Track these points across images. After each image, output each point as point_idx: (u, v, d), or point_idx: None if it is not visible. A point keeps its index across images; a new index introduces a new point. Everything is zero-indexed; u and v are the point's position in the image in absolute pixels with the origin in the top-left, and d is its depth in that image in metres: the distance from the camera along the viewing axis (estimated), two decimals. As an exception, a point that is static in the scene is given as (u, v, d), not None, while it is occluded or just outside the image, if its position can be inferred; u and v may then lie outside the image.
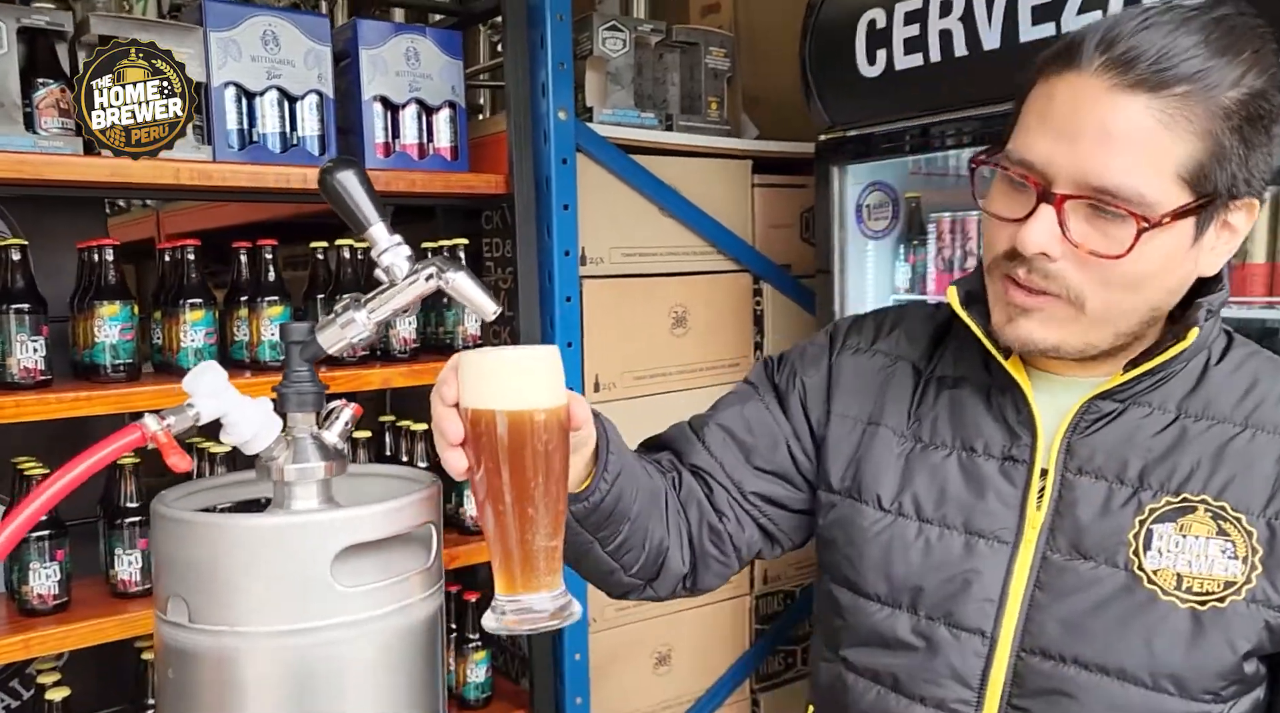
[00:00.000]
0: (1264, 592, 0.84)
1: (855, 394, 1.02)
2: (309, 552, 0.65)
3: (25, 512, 0.64)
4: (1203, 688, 0.84)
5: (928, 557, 0.93)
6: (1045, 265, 0.84)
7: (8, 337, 1.46)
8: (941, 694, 0.91)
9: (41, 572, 1.50)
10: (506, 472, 0.70)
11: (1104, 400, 0.90)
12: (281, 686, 0.66)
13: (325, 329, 0.71)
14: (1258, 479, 0.86)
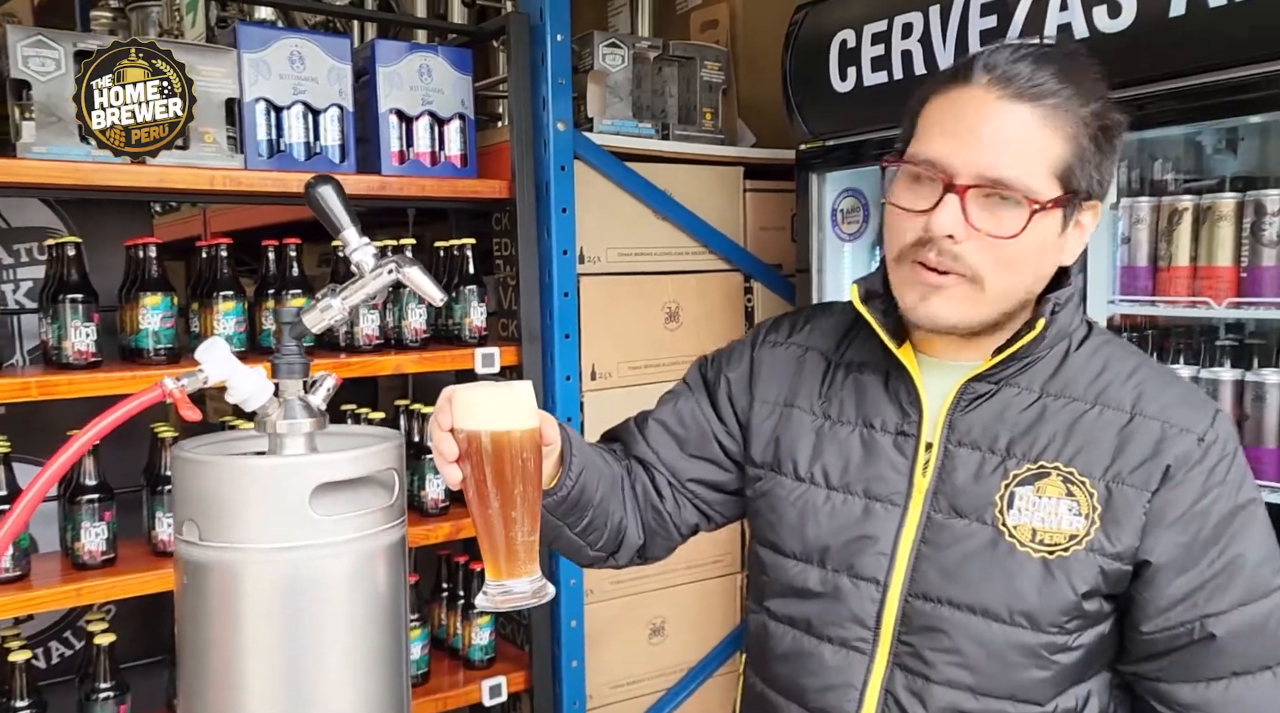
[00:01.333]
0: (1100, 543, 0.98)
1: (773, 382, 1.17)
2: (293, 487, 0.83)
3: (73, 446, 0.83)
4: (1049, 622, 0.99)
5: (833, 519, 1.08)
6: (951, 247, 0.97)
7: (63, 323, 1.67)
8: (845, 634, 1.06)
9: (92, 530, 1.70)
10: (492, 481, 0.88)
11: (979, 382, 1.05)
12: (272, 592, 0.84)
13: (309, 312, 0.89)
14: (1101, 449, 1.00)
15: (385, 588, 0.89)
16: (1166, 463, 0.98)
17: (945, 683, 1.01)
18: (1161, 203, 1.66)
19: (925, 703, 1.02)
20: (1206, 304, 1.59)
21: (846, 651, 1.06)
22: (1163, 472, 0.98)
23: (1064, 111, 0.96)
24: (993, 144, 0.96)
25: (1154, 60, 1.51)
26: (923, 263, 1.00)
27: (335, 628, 0.87)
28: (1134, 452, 0.99)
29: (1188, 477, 0.98)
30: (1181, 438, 0.99)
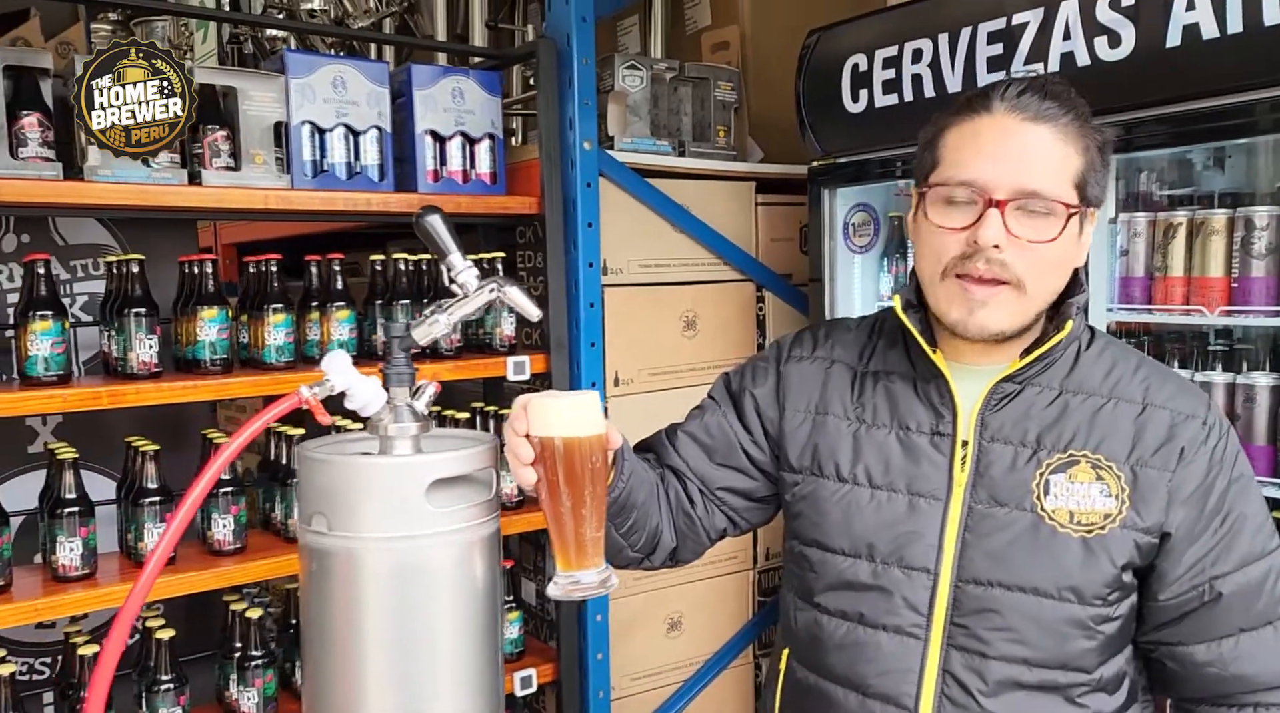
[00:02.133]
0: (1131, 519, 1.10)
1: (802, 393, 1.27)
2: (411, 483, 0.93)
3: (222, 456, 0.93)
4: (1094, 595, 1.10)
5: (879, 515, 1.17)
6: (998, 256, 1.08)
7: (128, 335, 1.76)
8: (899, 622, 1.14)
9: (154, 532, 1.79)
10: (564, 481, 0.98)
11: (1007, 383, 1.16)
12: (388, 576, 0.95)
13: (417, 327, 1.00)
14: (1121, 436, 1.12)
15: (484, 574, 1.00)
16: (1181, 445, 1.10)
17: (1001, 658, 1.10)
18: (1157, 218, 1.78)
19: (984, 678, 1.10)
20: (1200, 312, 1.71)
21: (902, 637, 1.14)
22: (1178, 453, 1.10)
23: (1075, 130, 1.10)
24: (1023, 161, 1.08)
25: (1151, 87, 1.63)
26: (969, 276, 1.10)
27: (442, 609, 0.97)
28: (1151, 437, 1.11)
29: (1196, 456, 1.11)
30: (1189, 423, 1.12)
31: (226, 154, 1.88)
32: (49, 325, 1.67)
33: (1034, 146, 1.08)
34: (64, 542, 1.71)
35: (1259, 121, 1.52)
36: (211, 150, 1.86)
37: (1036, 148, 1.08)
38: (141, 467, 1.80)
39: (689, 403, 2.20)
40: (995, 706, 1.10)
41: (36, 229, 1.96)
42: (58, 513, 1.71)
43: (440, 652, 0.97)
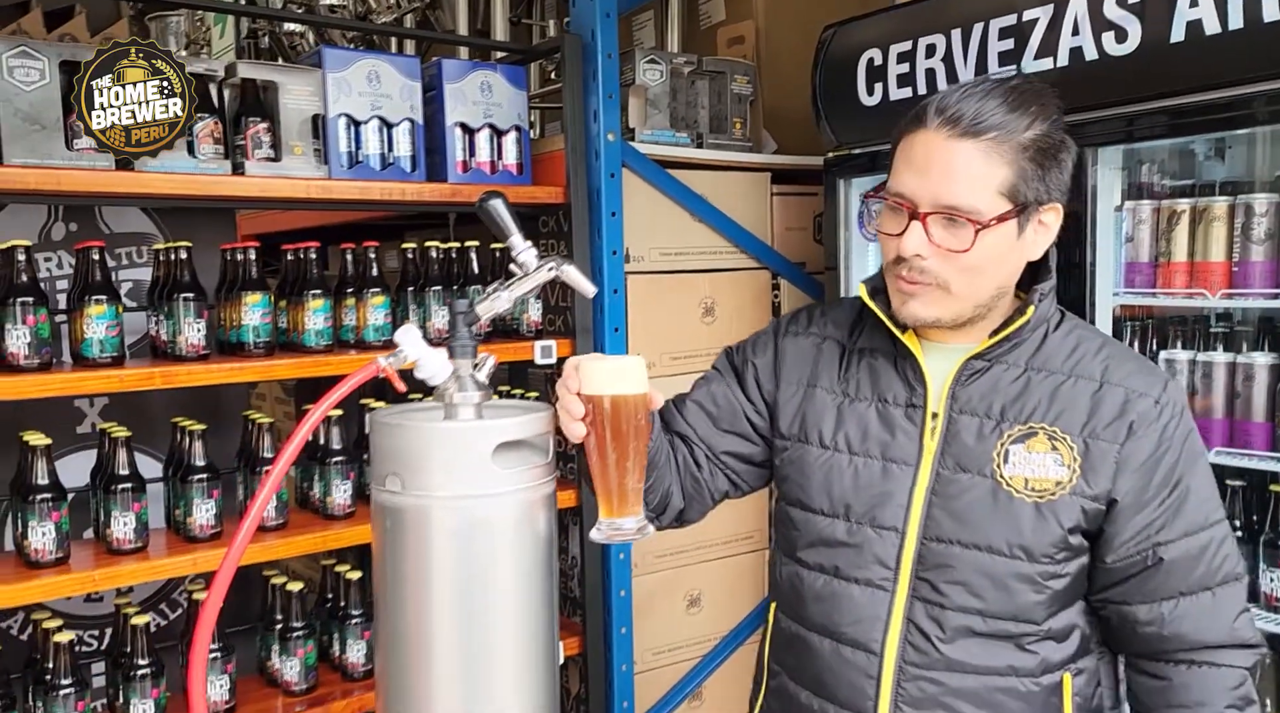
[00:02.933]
0: (1080, 487, 1.19)
1: (796, 366, 1.37)
2: (480, 446, 1.02)
3: (310, 419, 1.00)
4: (1042, 553, 1.19)
5: (856, 479, 1.28)
6: (919, 263, 1.18)
7: (177, 320, 1.84)
8: (870, 575, 1.25)
9: (202, 507, 1.87)
10: (610, 436, 1.07)
11: (976, 360, 1.25)
12: (457, 532, 1.03)
13: (481, 303, 1.08)
14: (1077, 411, 1.21)
15: (543, 529, 1.08)
16: (1131, 420, 1.19)
17: (959, 609, 1.21)
18: (1161, 205, 1.86)
19: (943, 626, 1.21)
20: (1202, 295, 1.79)
21: (872, 589, 1.25)
22: (1128, 427, 1.19)
23: (1002, 142, 1.16)
24: (944, 177, 1.16)
25: (1156, 80, 1.71)
26: (900, 276, 1.22)
27: (505, 561, 1.05)
28: (1105, 412, 1.20)
29: (1147, 432, 1.20)
30: (1141, 401, 1.21)
31: (267, 146, 1.95)
32: (103, 309, 1.75)
33: (955, 163, 1.16)
34: (118, 516, 1.79)
35: (1257, 113, 1.59)
36: (253, 142, 1.94)
37: (957, 164, 1.16)
38: (189, 446, 1.88)
39: (711, 385, 2.24)
40: (951, 651, 1.21)
41: (84, 218, 2.04)
42: (112, 489, 1.79)
43: (504, 602, 1.05)
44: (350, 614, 2.05)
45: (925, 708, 1.22)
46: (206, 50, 4.40)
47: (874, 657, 1.23)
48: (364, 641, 2.06)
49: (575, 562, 2.39)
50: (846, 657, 1.26)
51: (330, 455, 2.02)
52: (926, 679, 1.21)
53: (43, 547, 1.71)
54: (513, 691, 1.07)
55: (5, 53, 1.67)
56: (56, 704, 1.71)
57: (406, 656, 1.06)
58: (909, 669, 1.22)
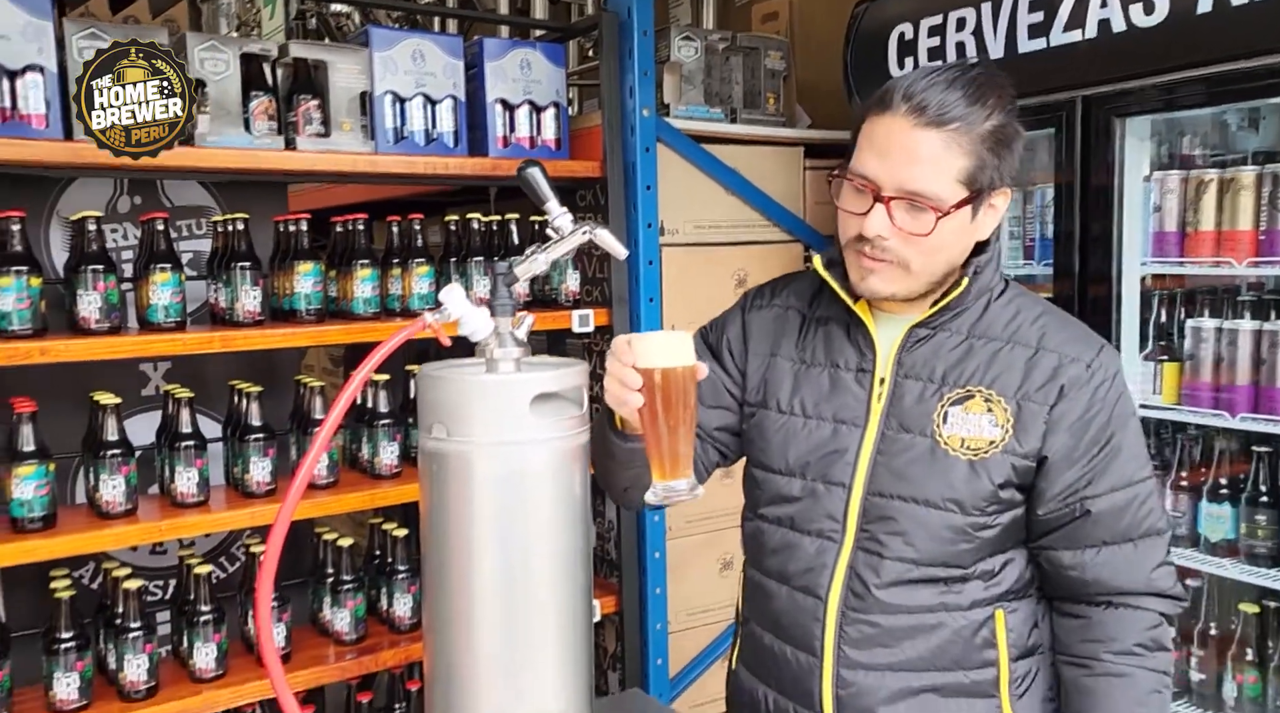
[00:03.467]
0: (1012, 446, 1.26)
1: (761, 338, 1.44)
2: (518, 396, 1.09)
3: (353, 383, 1.08)
4: (974, 506, 1.26)
5: (810, 440, 1.35)
6: (882, 243, 1.24)
7: (235, 287, 1.95)
8: (820, 527, 1.33)
9: (259, 465, 1.98)
10: (662, 404, 1.13)
11: (920, 328, 1.31)
12: (497, 476, 1.11)
13: (520, 265, 1.15)
14: (1013, 375, 1.27)
15: (576, 476, 1.16)
16: (1061, 383, 1.26)
17: (895, 558, 1.29)
18: (1189, 175, 1.88)
19: (879, 573, 1.29)
20: (1229, 264, 1.82)
21: (821, 540, 1.33)
22: (1058, 390, 1.26)
23: (964, 132, 1.20)
24: (908, 163, 1.21)
25: (1184, 50, 1.73)
26: (862, 253, 1.26)
27: (541, 503, 1.13)
28: (1038, 376, 1.27)
29: (1078, 394, 1.26)
30: (1073, 365, 1.27)
31: (318, 122, 2.05)
32: (168, 276, 1.86)
33: (919, 151, 1.20)
34: (181, 472, 1.91)
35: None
36: (304, 119, 2.03)
37: (920, 152, 1.20)
38: (246, 407, 1.99)
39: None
40: (886, 595, 1.29)
41: (147, 191, 2.15)
42: (176, 446, 1.90)
43: (540, 541, 1.13)
44: (397, 570, 2.16)
45: (864, 647, 1.31)
46: (257, 31, 4.53)
47: (820, 602, 1.32)
48: (410, 595, 2.16)
49: (612, 525, 2.47)
50: (799, 602, 1.35)
51: (378, 418, 2.12)
52: (865, 622, 1.30)
53: (113, 499, 1.82)
54: (552, 626, 1.15)
55: (75, 34, 1.78)
56: (126, 646, 1.83)
57: (451, 594, 1.14)
58: (849, 614, 1.31)
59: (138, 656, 1.83)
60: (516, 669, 1.14)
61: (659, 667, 2.43)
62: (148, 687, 1.85)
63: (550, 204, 1.17)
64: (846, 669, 1.32)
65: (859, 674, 1.31)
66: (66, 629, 1.79)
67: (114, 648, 1.85)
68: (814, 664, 1.34)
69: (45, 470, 1.75)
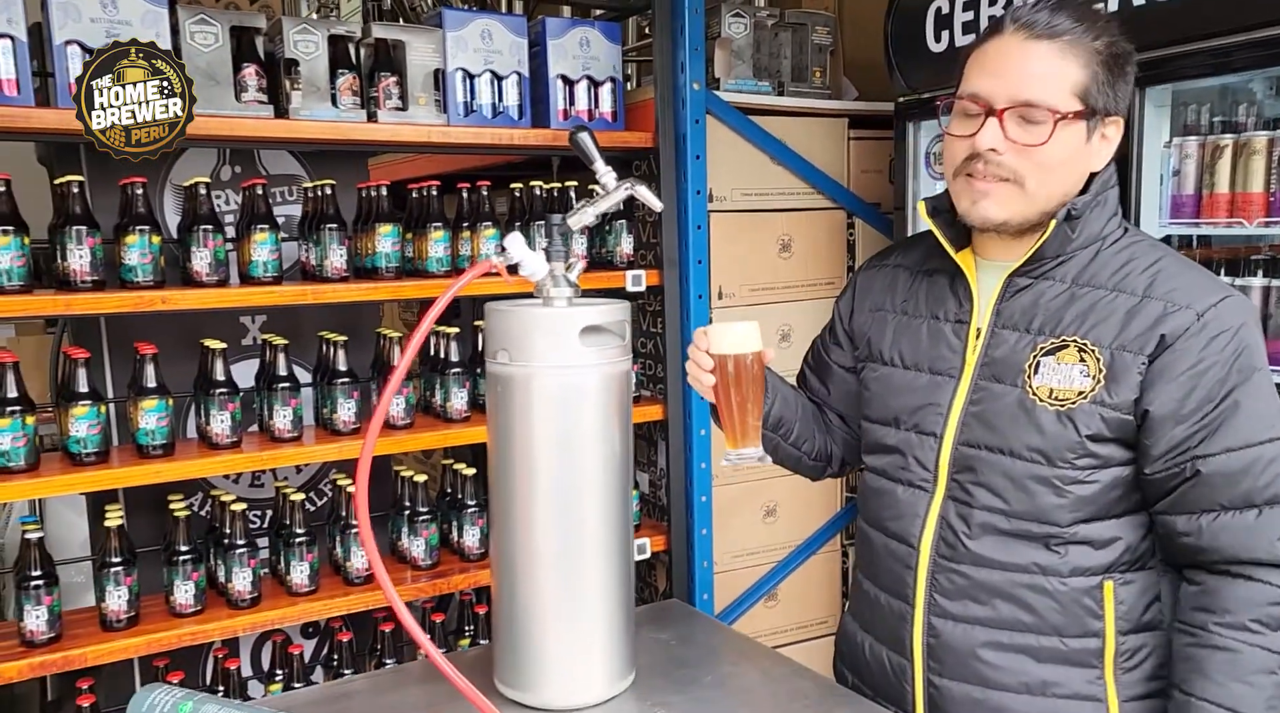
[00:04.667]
0: (1101, 396, 1.25)
1: (870, 294, 1.53)
2: (571, 326, 1.29)
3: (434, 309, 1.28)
4: (1059, 458, 1.27)
5: (906, 390, 1.40)
6: (995, 158, 1.24)
7: (325, 247, 2.18)
8: (911, 476, 1.39)
9: (345, 406, 2.21)
10: (733, 384, 1.34)
11: (1020, 277, 1.32)
12: (553, 395, 1.30)
13: (571, 217, 1.34)
14: (1111, 324, 1.26)
15: (619, 398, 1.35)
16: (1162, 332, 1.22)
17: (984, 508, 1.31)
18: (1206, 140, 1.99)
19: (969, 523, 1.32)
20: (1241, 224, 1.92)
21: (914, 489, 1.38)
22: (1158, 339, 1.22)
23: (1077, 44, 1.23)
24: (1021, 74, 1.23)
25: (1200, 22, 1.83)
26: (973, 175, 1.27)
27: (588, 417, 1.33)
28: (1136, 326, 1.24)
29: (1186, 345, 1.21)
30: (1180, 314, 1.23)
31: (396, 97, 2.26)
32: (266, 236, 2.09)
33: (1032, 61, 1.23)
34: (279, 410, 2.15)
35: None
36: (385, 94, 2.24)
37: (1033, 62, 1.23)
38: (334, 354, 2.23)
39: (784, 317, 2.57)
40: (977, 546, 1.32)
41: (246, 161, 2.39)
42: (274, 387, 2.15)
43: (589, 449, 1.33)
44: (466, 505, 2.38)
45: (956, 598, 1.33)
46: (336, 13, 4.80)
47: (912, 550, 1.36)
48: (478, 528, 2.38)
49: (662, 473, 2.67)
50: (892, 549, 1.40)
51: (449, 367, 2.34)
52: (956, 573, 1.33)
53: (221, 432, 2.08)
54: (599, 524, 1.35)
55: (188, 20, 2.01)
56: (234, 561, 2.09)
57: (514, 498, 1.35)
58: (940, 562, 1.34)
59: (243, 569, 2.09)
60: (568, 567, 1.34)
61: (704, 601, 2.62)
62: (251, 597, 2.11)
63: (597, 164, 1.36)
64: (937, 618, 1.34)
65: (948, 624, 1.33)
66: (184, 544, 2.05)
67: (222, 563, 2.12)
68: (906, 611, 1.37)
69: (165, 405, 2.01)
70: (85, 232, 1.89)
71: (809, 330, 2.75)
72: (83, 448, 1.93)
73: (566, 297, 1.35)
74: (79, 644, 1.94)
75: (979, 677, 1.33)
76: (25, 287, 1.85)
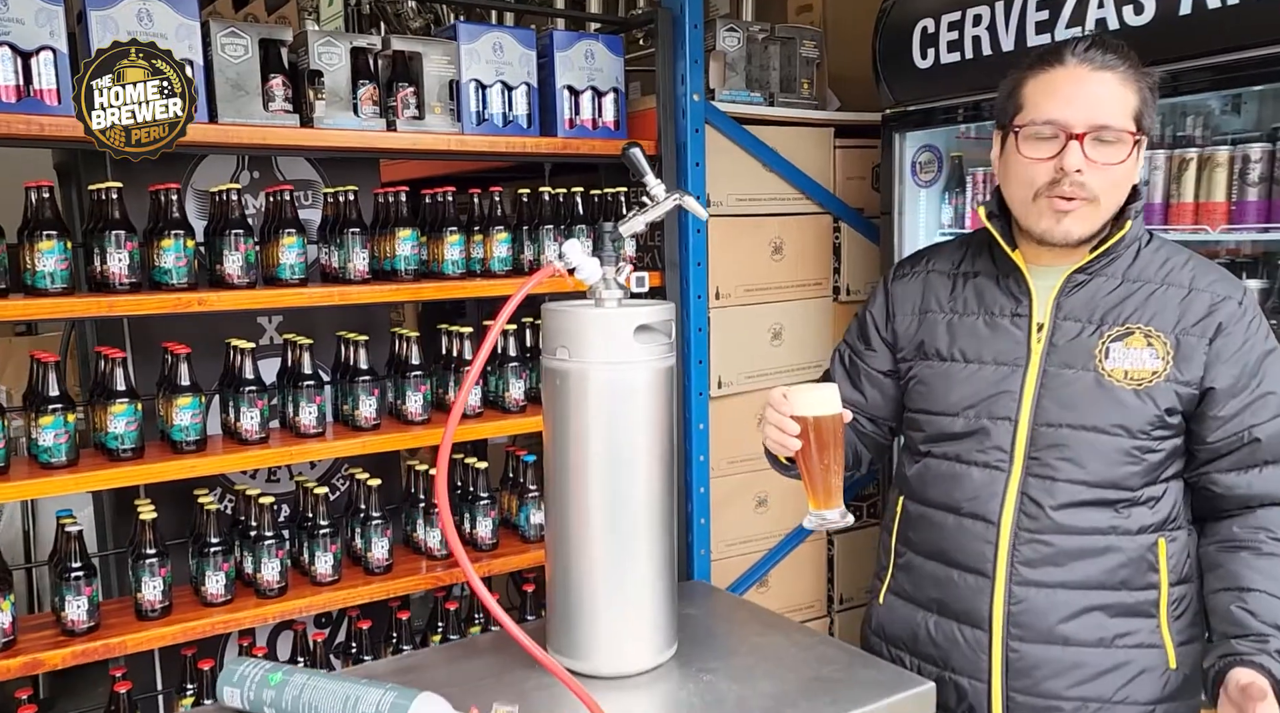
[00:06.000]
0: (1174, 375, 1.42)
1: (908, 300, 1.65)
2: (625, 325, 1.41)
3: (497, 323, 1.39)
4: (1139, 430, 1.43)
5: (971, 382, 1.52)
6: (1079, 179, 1.38)
7: (348, 250, 2.26)
8: (987, 459, 1.49)
9: (366, 402, 2.30)
10: (816, 446, 1.40)
11: (1079, 274, 1.48)
12: (605, 389, 1.42)
13: (623, 224, 1.46)
14: (1169, 313, 1.44)
15: (665, 392, 1.48)
16: (1220, 320, 1.42)
17: (1067, 480, 1.44)
18: (1173, 154, 2.17)
19: (1054, 495, 1.44)
20: (1205, 231, 2.11)
21: (990, 470, 1.49)
22: (1216, 326, 1.42)
23: (1131, 75, 1.41)
24: (1095, 101, 1.39)
25: (1168, 46, 2.01)
26: (1058, 196, 1.40)
27: (638, 408, 1.45)
28: (1192, 314, 1.43)
29: (1235, 328, 1.42)
30: (1226, 303, 1.43)
31: (413, 106, 2.35)
32: (294, 240, 2.17)
33: (1102, 90, 1.39)
34: (304, 407, 2.23)
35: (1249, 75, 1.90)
36: (403, 104, 2.33)
37: (1104, 90, 1.39)
38: (354, 353, 2.32)
39: (776, 316, 2.71)
40: (1060, 516, 1.45)
41: (264, 167, 2.47)
42: (299, 385, 2.23)
43: (639, 438, 1.45)
44: (479, 497, 2.48)
45: (1038, 565, 1.45)
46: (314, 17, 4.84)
47: (991, 525, 1.47)
48: (490, 519, 2.48)
49: (660, 465, 2.79)
50: (967, 527, 1.50)
51: (508, 361, 2.46)
52: (1039, 542, 1.45)
53: (250, 428, 2.16)
54: (647, 507, 1.47)
55: (219, 33, 2.09)
56: (262, 551, 2.17)
57: (569, 486, 1.46)
58: (1022, 534, 1.46)
59: (271, 560, 2.17)
60: (619, 545, 1.46)
61: (703, 588, 2.75)
62: (279, 586, 2.19)
63: (648, 177, 1.48)
64: (1019, 586, 1.45)
65: (1030, 591, 1.45)
66: (214, 536, 2.13)
67: (250, 554, 2.19)
68: (984, 584, 1.48)
69: (199, 401, 2.08)
70: (124, 236, 1.96)
71: (799, 329, 2.91)
72: (120, 444, 2.00)
73: (617, 298, 1.47)
74: (116, 633, 2.00)
75: (1059, 637, 1.46)
76: (68, 289, 1.92)
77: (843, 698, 1.39)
